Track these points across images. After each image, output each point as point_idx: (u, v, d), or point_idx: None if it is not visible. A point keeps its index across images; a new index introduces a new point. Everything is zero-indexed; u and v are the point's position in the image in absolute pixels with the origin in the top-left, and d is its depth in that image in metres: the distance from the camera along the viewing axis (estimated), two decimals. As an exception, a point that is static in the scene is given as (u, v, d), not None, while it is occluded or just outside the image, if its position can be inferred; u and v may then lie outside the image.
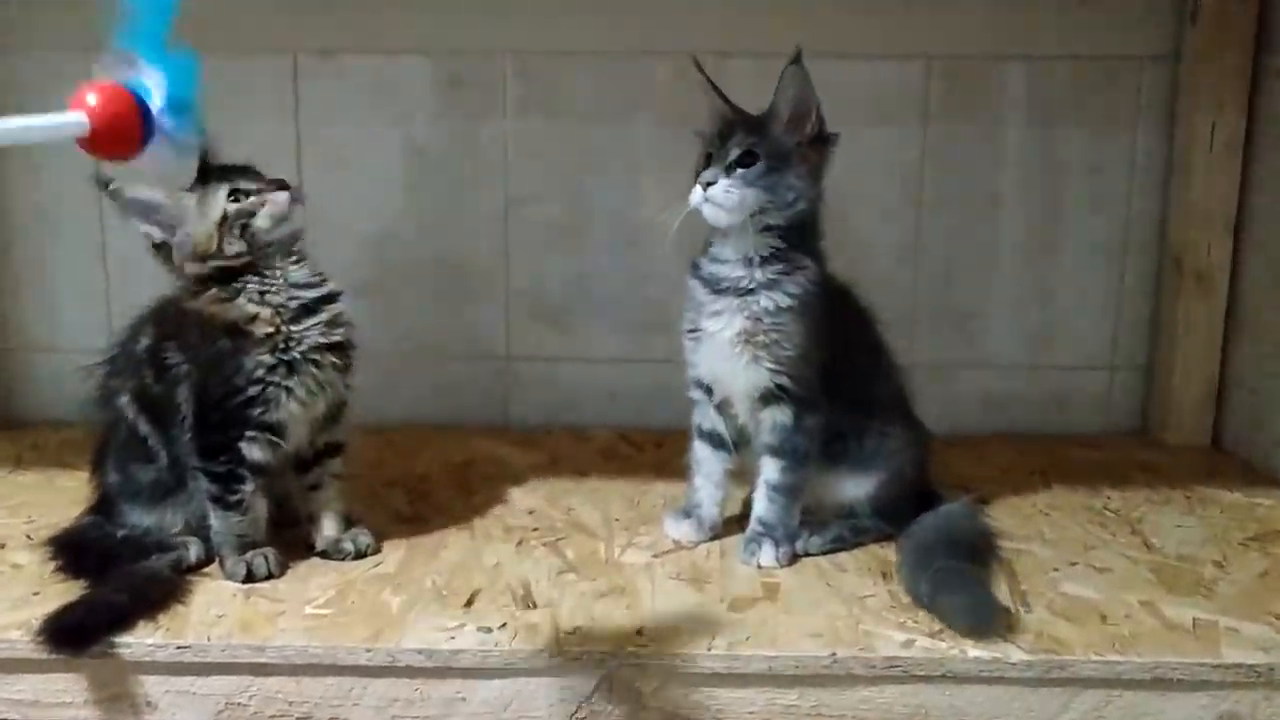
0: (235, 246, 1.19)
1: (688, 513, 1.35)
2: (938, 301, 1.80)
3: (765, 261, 1.23)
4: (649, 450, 1.69)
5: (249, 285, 1.21)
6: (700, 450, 1.34)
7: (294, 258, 1.24)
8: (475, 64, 1.73)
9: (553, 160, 1.76)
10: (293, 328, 1.21)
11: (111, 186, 1.18)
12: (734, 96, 1.25)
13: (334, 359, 1.24)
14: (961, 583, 1.16)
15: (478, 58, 1.73)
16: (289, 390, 1.21)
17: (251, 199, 1.20)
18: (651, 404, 1.78)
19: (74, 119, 0.77)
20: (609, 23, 1.71)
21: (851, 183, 1.74)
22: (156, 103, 0.81)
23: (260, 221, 1.20)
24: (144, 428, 1.25)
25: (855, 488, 1.32)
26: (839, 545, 1.31)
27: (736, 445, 1.32)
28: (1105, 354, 1.81)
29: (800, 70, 1.19)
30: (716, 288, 1.25)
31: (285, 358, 1.20)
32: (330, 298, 1.25)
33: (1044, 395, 1.82)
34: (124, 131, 0.79)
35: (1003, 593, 1.20)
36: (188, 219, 1.19)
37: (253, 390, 1.20)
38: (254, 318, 1.20)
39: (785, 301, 1.22)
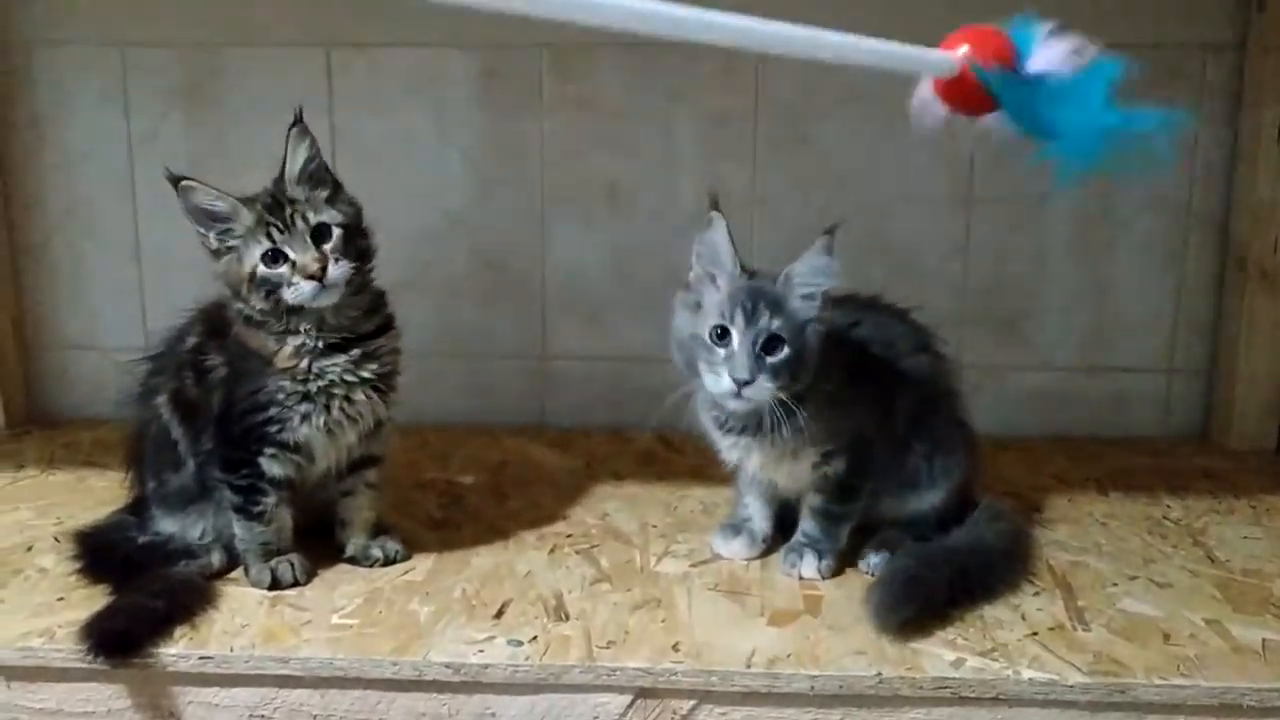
0: (260, 304, 1.15)
1: (736, 528, 1.29)
2: (988, 301, 1.73)
3: (772, 408, 1.12)
4: (688, 453, 1.64)
5: (272, 324, 1.16)
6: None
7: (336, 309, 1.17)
8: (510, 57, 1.69)
9: (589, 155, 1.71)
10: (318, 363, 1.16)
11: (182, 184, 1.13)
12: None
13: (365, 393, 1.19)
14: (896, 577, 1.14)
15: (513, 50, 1.69)
16: (308, 417, 1.17)
17: (282, 269, 1.13)
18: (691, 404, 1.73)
19: (942, 59, 0.73)
20: (647, 14, 1.66)
21: (898, 179, 1.69)
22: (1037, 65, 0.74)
23: (287, 295, 1.14)
24: (175, 430, 1.23)
25: (921, 502, 1.27)
26: None
27: None
28: (1164, 356, 1.74)
29: (830, 241, 1.10)
30: (726, 428, 1.19)
31: (304, 390, 1.16)
32: (376, 332, 1.20)
33: (1099, 398, 1.75)
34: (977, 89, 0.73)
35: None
36: (236, 243, 1.15)
37: (272, 410, 1.16)
38: (275, 353, 1.16)
39: (800, 422, 1.13)
